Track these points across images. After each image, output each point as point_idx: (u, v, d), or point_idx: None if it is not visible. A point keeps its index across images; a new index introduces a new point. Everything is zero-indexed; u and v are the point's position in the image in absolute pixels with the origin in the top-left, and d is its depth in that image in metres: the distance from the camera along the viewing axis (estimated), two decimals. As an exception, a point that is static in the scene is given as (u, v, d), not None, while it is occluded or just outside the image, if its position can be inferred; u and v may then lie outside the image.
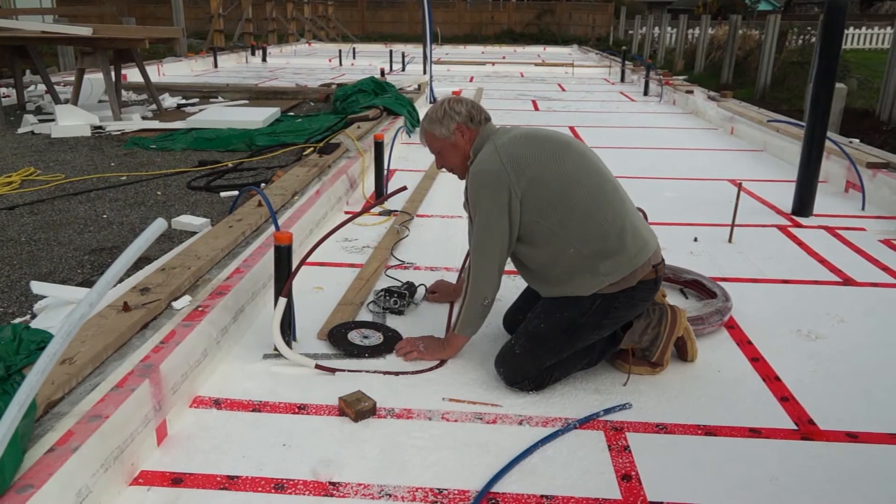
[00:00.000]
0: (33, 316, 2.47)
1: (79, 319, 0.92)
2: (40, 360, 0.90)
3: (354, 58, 16.33)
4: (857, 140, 5.34)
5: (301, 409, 2.04)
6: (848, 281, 3.12)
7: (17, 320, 2.43)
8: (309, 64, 15.12)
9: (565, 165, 2.12)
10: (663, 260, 2.23)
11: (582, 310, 2.12)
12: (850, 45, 23.81)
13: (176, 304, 2.27)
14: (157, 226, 1.03)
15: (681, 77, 11.50)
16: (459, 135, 2.26)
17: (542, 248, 2.14)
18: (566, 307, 2.14)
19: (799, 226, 3.92)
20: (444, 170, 2.37)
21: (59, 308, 2.42)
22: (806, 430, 1.99)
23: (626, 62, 12.58)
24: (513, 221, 2.11)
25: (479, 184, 2.13)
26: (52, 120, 6.14)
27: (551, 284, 2.17)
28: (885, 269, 3.27)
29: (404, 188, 2.43)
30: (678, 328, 2.25)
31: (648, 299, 2.21)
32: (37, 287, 2.54)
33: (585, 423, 1.99)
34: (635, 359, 2.26)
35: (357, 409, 1.98)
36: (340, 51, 16.05)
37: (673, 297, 2.89)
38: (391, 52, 14.64)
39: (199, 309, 2.26)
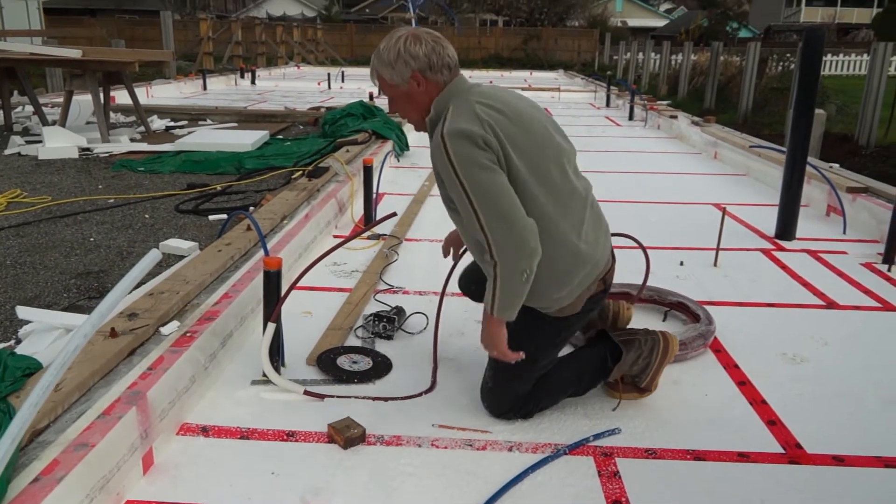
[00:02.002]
0: (18, 341, 2.44)
1: (73, 351, 0.92)
2: (33, 394, 0.89)
3: (343, 81, 16.43)
4: (836, 165, 5.45)
5: (290, 436, 2.03)
6: (831, 304, 3.16)
7: (2, 346, 2.40)
8: (298, 87, 15.20)
9: (542, 166, 1.89)
10: (612, 269, 2.11)
11: (538, 337, 2.06)
12: (829, 71, 24.34)
13: (164, 330, 2.26)
14: (152, 257, 1.04)
15: (665, 102, 11.68)
16: (415, 84, 1.89)
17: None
18: (523, 339, 1.99)
19: (782, 249, 3.98)
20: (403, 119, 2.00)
21: (45, 333, 2.40)
22: (793, 453, 2.00)
23: (612, 87, 12.77)
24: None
25: (460, 142, 1.78)
26: (40, 141, 6.12)
27: None
28: (867, 292, 3.32)
29: (394, 214, 2.44)
30: (670, 356, 2.25)
31: (598, 307, 2.18)
32: (22, 312, 2.52)
33: (575, 448, 1.99)
34: (624, 384, 2.27)
35: (346, 436, 1.97)
36: (329, 74, 16.17)
37: (654, 320, 2.91)
38: (379, 75, 14.73)
39: (188, 334, 2.25)
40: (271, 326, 2.21)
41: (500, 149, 1.82)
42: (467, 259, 2.37)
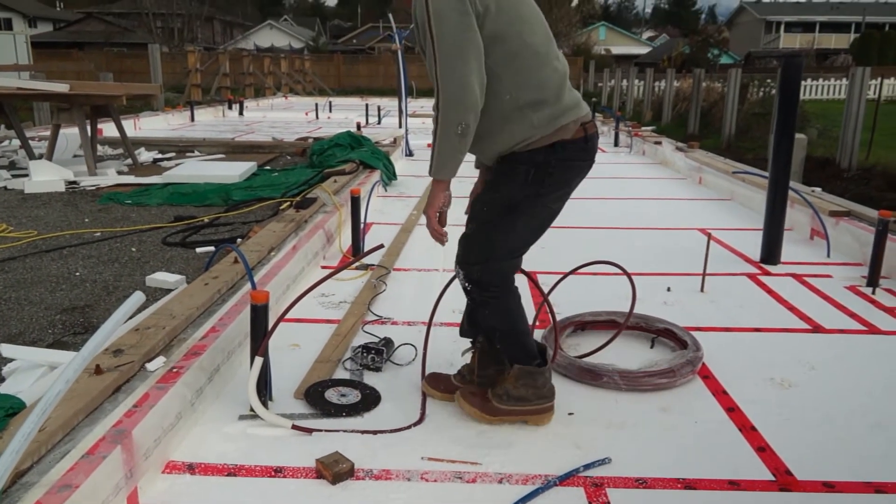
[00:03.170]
0: (2, 379, 2.41)
1: (55, 397, 0.92)
2: (15, 440, 0.89)
3: (331, 111, 16.56)
4: (819, 189, 5.53)
5: (278, 471, 2.01)
6: (817, 328, 3.18)
7: (-16, 385, 2.37)
8: (285, 118, 15.29)
9: (522, 10, 2.05)
10: (593, 119, 2.19)
11: (517, 184, 2.08)
12: (809, 95, 24.84)
13: (150, 366, 2.24)
14: (135, 299, 1.04)
15: (649, 128, 11.85)
16: None
17: None
18: (501, 184, 2.10)
19: (768, 274, 4.01)
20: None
21: (29, 371, 2.37)
22: (784, 480, 2.00)
23: (597, 114, 12.96)
24: (477, 29, 1.93)
25: None
26: (26, 175, 6.10)
27: (481, 136, 2.05)
28: (853, 315, 3.35)
29: (381, 246, 2.44)
30: (537, 420, 2.26)
31: (583, 159, 2.14)
32: (6, 350, 2.49)
33: (565, 479, 1.98)
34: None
35: (335, 471, 1.95)
36: (317, 104, 16.30)
37: (642, 347, 2.92)
38: (367, 105, 14.90)
39: (174, 370, 2.23)
40: (258, 360, 2.19)
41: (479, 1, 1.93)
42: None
